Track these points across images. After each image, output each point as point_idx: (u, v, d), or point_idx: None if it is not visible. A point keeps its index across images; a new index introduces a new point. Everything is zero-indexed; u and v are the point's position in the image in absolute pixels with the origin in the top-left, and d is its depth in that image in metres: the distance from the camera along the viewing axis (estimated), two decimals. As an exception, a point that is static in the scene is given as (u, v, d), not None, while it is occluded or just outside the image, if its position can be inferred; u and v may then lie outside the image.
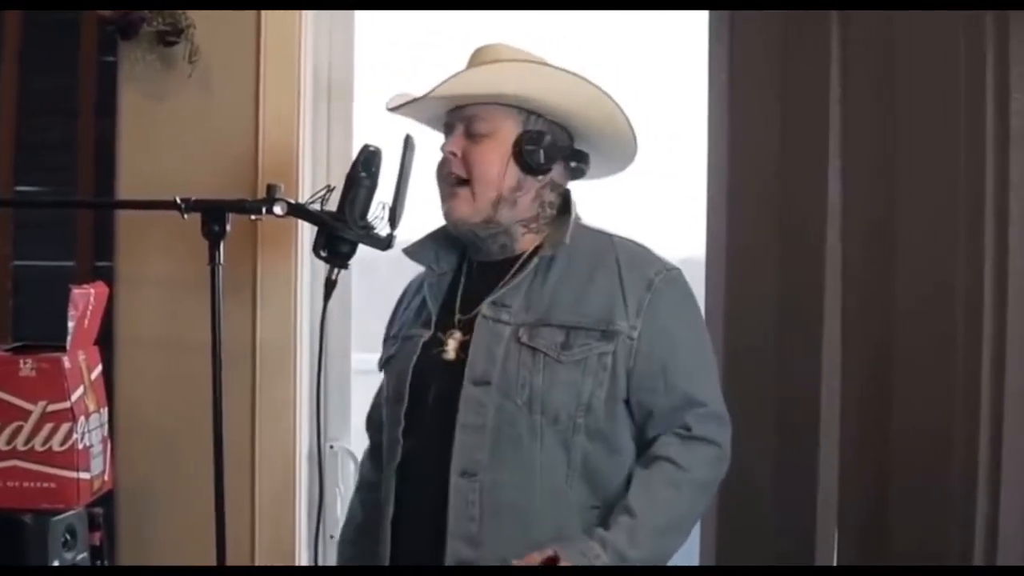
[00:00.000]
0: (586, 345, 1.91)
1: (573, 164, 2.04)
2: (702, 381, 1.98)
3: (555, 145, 2.00)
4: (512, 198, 1.99)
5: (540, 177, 2.00)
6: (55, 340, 2.16)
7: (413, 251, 2.11)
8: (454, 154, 2.00)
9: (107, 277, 2.48)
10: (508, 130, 1.99)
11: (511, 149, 1.98)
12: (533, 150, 1.98)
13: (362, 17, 2.62)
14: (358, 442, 2.60)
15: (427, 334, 2.03)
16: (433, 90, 1.98)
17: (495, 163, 1.98)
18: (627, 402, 1.94)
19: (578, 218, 2.04)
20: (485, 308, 1.98)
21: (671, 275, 1.99)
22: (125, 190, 2.52)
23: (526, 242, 2.03)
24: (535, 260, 1.98)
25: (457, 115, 2.03)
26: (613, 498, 1.91)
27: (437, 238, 2.10)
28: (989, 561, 2.24)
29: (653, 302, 1.94)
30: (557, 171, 2.03)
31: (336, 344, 2.58)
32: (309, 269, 2.54)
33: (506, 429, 1.90)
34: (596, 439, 1.92)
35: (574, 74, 1.96)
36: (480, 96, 1.99)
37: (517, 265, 2.00)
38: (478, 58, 2.04)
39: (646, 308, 1.93)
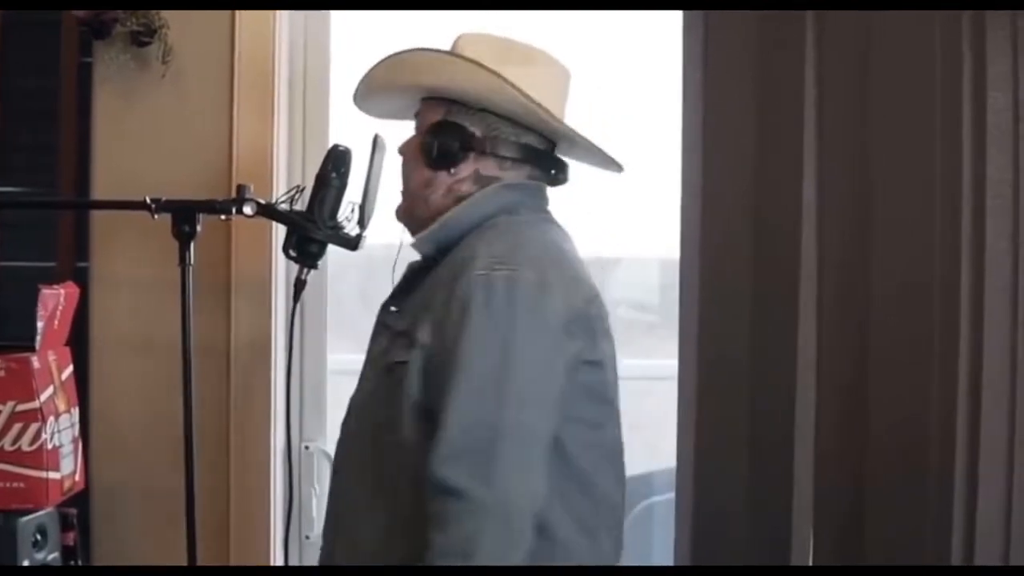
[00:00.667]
0: (392, 352, 1.77)
1: (508, 152, 1.87)
2: (469, 432, 1.64)
3: (469, 135, 1.85)
4: (422, 196, 1.88)
5: (452, 171, 1.86)
6: (31, 341, 2.17)
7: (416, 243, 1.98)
8: (401, 153, 1.96)
9: (88, 278, 2.49)
10: (428, 123, 1.89)
11: (416, 145, 1.89)
12: (428, 143, 1.85)
13: (337, 17, 2.61)
14: (334, 443, 2.59)
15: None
16: (360, 82, 1.96)
17: (408, 161, 1.91)
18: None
19: (515, 212, 1.86)
20: (381, 312, 1.92)
21: (486, 276, 1.69)
22: (100, 190, 2.52)
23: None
24: (412, 263, 1.92)
25: None
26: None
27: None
28: (966, 562, 2.22)
29: (450, 308, 1.69)
30: (484, 164, 1.87)
31: (312, 344, 2.58)
32: (284, 269, 2.53)
33: (348, 443, 1.89)
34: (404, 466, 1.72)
35: (473, 62, 1.83)
36: (378, 89, 1.94)
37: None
38: (453, 45, 1.93)
39: (442, 315, 1.70)
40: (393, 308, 1.89)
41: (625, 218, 2.58)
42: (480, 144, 1.86)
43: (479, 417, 1.64)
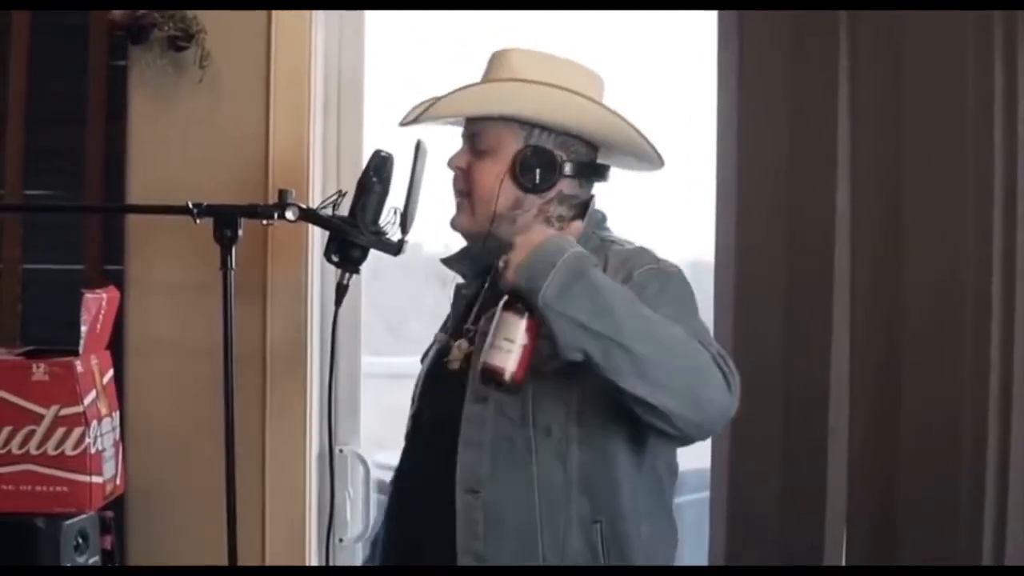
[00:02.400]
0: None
1: (590, 177, 1.99)
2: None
3: (560, 162, 1.94)
4: (510, 216, 1.94)
5: (543, 194, 1.93)
6: (64, 344, 2.17)
7: (450, 260, 2.08)
8: (460, 168, 1.98)
9: (116, 280, 2.48)
10: (509, 147, 1.94)
11: (508, 167, 1.93)
12: (529, 169, 1.92)
13: (373, 19, 2.62)
14: (367, 446, 2.61)
15: (444, 341, 2.02)
16: (426, 111, 1.96)
17: (491, 182, 1.94)
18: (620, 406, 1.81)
19: (601, 227, 1.99)
20: (483, 321, 1.92)
21: (657, 269, 1.87)
22: (135, 194, 2.52)
23: None
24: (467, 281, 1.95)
25: (467, 129, 2.01)
26: (615, 511, 1.85)
27: (472, 248, 2.05)
28: (997, 562, 2.25)
29: (633, 289, 1.79)
30: (569, 184, 1.96)
31: (345, 348, 2.57)
32: (319, 273, 2.54)
33: (503, 445, 1.86)
34: (590, 450, 1.84)
35: (567, 89, 1.91)
36: (473, 115, 1.96)
37: None
38: (493, 65, 2.00)
39: None
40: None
41: (655, 220, 2.59)
42: (565, 168, 1.95)
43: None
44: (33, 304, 2.63)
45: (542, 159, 1.93)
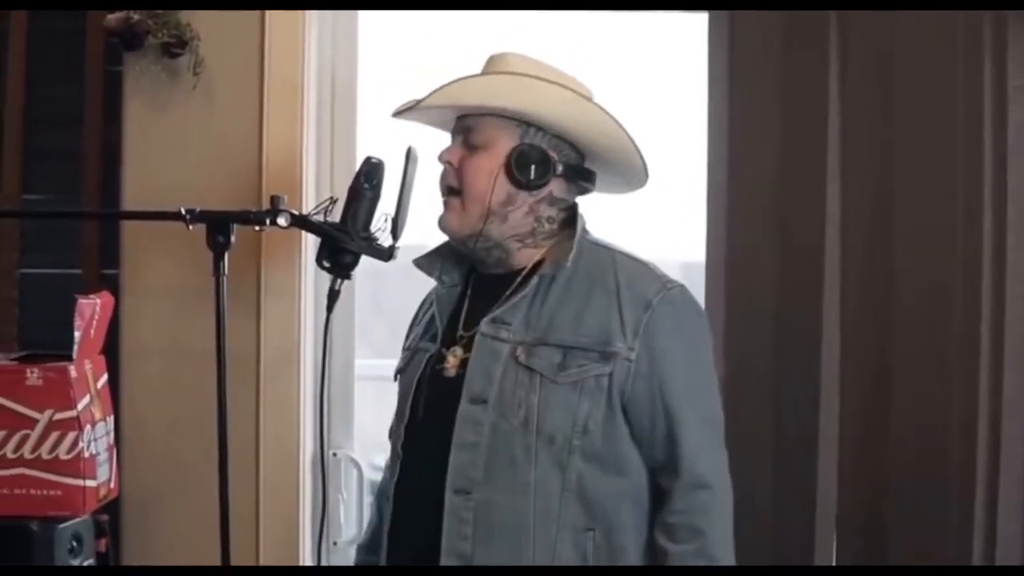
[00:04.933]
0: (583, 366, 1.87)
1: (579, 182, 2.01)
2: (693, 415, 1.91)
3: (553, 161, 1.95)
4: (502, 213, 1.95)
5: (535, 192, 1.96)
6: (60, 348, 2.19)
7: (421, 262, 2.08)
8: (450, 164, 1.99)
9: (114, 285, 2.51)
10: (503, 143, 1.95)
11: (503, 163, 1.94)
12: (524, 165, 1.94)
13: (366, 25, 2.63)
14: (361, 449, 2.62)
15: (433, 349, 2.01)
16: (424, 99, 1.96)
17: (485, 177, 1.94)
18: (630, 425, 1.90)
19: (585, 233, 2.00)
20: (484, 326, 1.94)
21: (671, 295, 1.93)
22: (130, 200, 2.53)
23: (523, 256, 1.98)
24: (535, 279, 1.94)
25: (460, 124, 2.01)
26: (609, 522, 1.88)
27: (445, 250, 2.07)
28: (988, 561, 2.26)
29: (651, 323, 1.89)
30: (558, 186, 1.98)
31: (339, 352, 2.60)
32: (312, 278, 2.56)
33: (501, 448, 1.87)
34: (592, 461, 1.87)
35: (569, 89, 1.94)
36: (469, 108, 1.97)
37: (517, 281, 1.97)
38: (491, 66, 2.01)
39: (643, 329, 1.88)
40: (505, 322, 1.93)
41: (646, 221, 2.60)
42: (564, 170, 1.98)
43: (707, 414, 1.94)
44: (30, 308, 2.64)
45: (537, 156, 1.94)
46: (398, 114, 2.06)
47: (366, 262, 2.22)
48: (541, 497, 1.86)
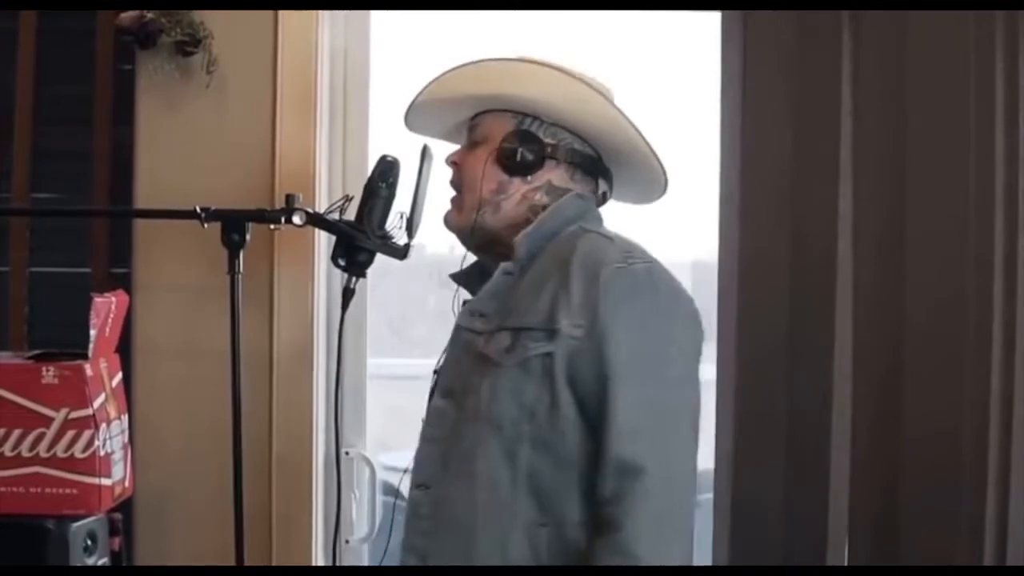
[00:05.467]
0: (527, 346, 1.78)
1: (589, 175, 1.97)
2: (629, 393, 1.75)
3: (546, 145, 1.92)
4: (494, 201, 1.93)
5: (528, 178, 1.93)
6: (70, 346, 2.19)
7: (457, 276, 2.05)
8: (455, 163, 1.99)
9: (123, 283, 2.50)
10: (499, 133, 1.94)
11: (493, 150, 1.93)
12: (511, 148, 1.91)
13: (379, 24, 2.63)
14: (374, 448, 2.62)
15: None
16: (416, 97, 1.99)
17: (479, 167, 1.93)
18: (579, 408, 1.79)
19: (583, 218, 1.93)
20: (460, 317, 1.93)
21: (630, 269, 1.80)
22: (143, 198, 2.53)
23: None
24: (501, 266, 1.91)
25: (468, 127, 2.02)
26: (562, 516, 1.78)
27: (476, 265, 2.05)
28: (999, 562, 2.26)
29: (598, 296, 1.77)
30: (558, 175, 1.94)
31: (351, 351, 2.59)
32: (325, 277, 2.56)
33: (456, 440, 1.83)
34: (540, 450, 1.78)
35: (560, 69, 1.91)
36: (455, 98, 1.97)
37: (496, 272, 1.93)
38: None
39: (590, 303, 1.76)
40: (482, 313, 1.89)
41: (657, 220, 2.61)
42: (557, 154, 1.94)
43: (648, 394, 1.76)
44: (40, 307, 2.64)
45: (525, 140, 1.92)
46: (408, 124, 2.09)
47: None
48: (489, 490, 1.79)
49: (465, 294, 2.02)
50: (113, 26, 2.50)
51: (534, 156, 1.92)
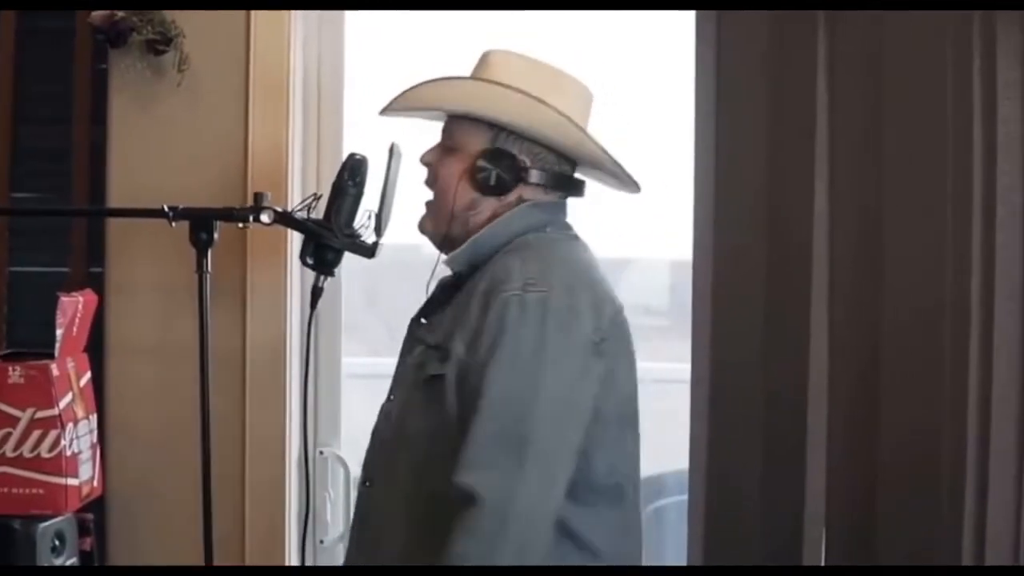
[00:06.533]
0: (428, 365, 1.81)
1: (549, 182, 1.93)
2: (487, 426, 1.71)
3: (523, 167, 1.90)
4: (463, 216, 1.91)
5: (501, 197, 1.91)
6: (49, 347, 2.19)
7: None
8: (429, 164, 1.97)
9: (102, 283, 2.51)
10: (473, 146, 1.91)
11: (466, 167, 1.90)
12: (485, 171, 1.88)
13: (352, 24, 2.62)
14: (348, 448, 2.61)
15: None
16: (390, 103, 1.97)
17: (451, 180, 1.91)
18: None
19: (543, 230, 1.92)
20: (411, 323, 1.96)
21: (524, 297, 1.75)
22: (115, 197, 2.53)
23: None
24: (443, 278, 1.95)
25: (445, 124, 2.00)
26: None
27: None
28: (978, 562, 2.24)
29: (485, 321, 1.75)
30: (528, 190, 1.92)
31: (326, 350, 2.59)
32: (299, 276, 2.54)
33: (387, 444, 1.89)
34: (445, 466, 1.72)
35: (537, 99, 1.87)
36: (427, 109, 1.96)
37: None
38: (479, 65, 1.98)
39: (478, 327, 1.76)
40: (424, 321, 1.94)
41: (635, 220, 2.59)
42: (529, 175, 1.91)
43: (507, 429, 1.71)
44: (19, 307, 2.64)
45: (501, 162, 1.89)
46: (384, 112, 2.04)
47: (362, 259, 2.22)
48: (398, 496, 1.83)
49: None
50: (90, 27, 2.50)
51: (508, 178, 1.89)
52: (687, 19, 2.46)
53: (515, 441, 1.70)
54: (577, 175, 2.00)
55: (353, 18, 2.62)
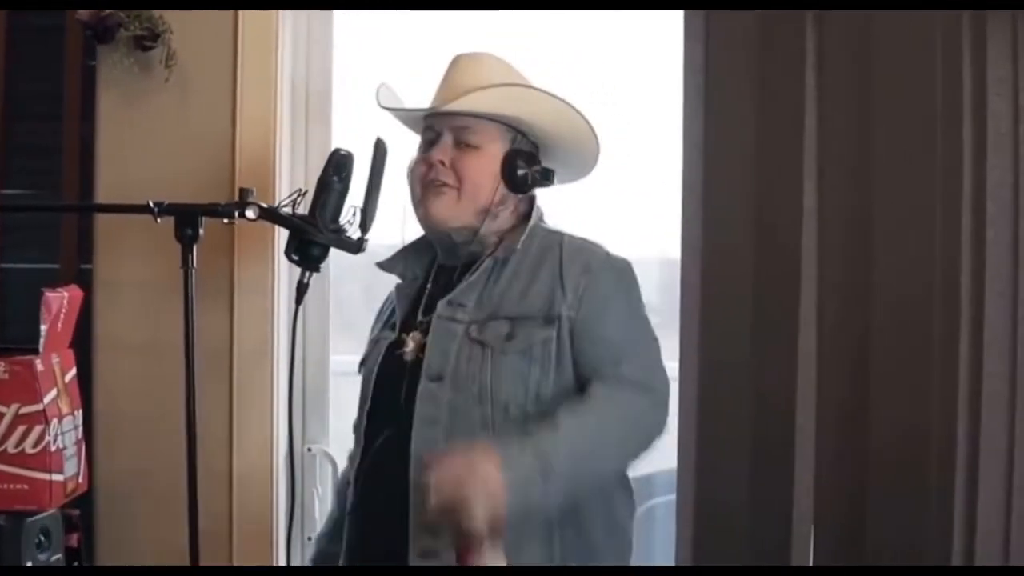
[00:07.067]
0: (529, 333, 1.94)
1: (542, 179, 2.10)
2: (635, 348, 1.98)
3: (541, 168, 2.07)
4: (496, 212, 2.05)
5: (519, 194, 2.07)
6: (37, 343, 2.18)
7: (385, 265, 2.16)
8: (442, 163, 2.04)
9: (92, 279, 2.50)
10: (498, 146, 2.05)
11: (501, 166, 2.04)
12: (523, 171, 2.05)
13: (340, 20, 2.62)
14: (337, 444, 2.61)
15: (392, 336, 2.08)
16: (440, 106, 2.04)
17: (487, 177, 2.04)
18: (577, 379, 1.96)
19: (541, 220, 2.10)
20: (441, 308, 2.02)
21: (612, 262, 2.03)
22: (104, 193, 2.53)
23: (492, 247, 2.07)
24: (488, 261, 2.03)
25: (445, 123, 2.05)
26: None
27: (408, 250, 2.16)
28: (967, 561, 2.23)
29: (591, 284, 1.97)
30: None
31: (314, 347, 2.59)
32: (286, 272, 2.54)
33: (459, 423, 1.92)
34: None
35: (562, 100, 2.04)
36: (484, 115, 2.04)
37: (475, 266, 2.04)
38: (458, 67, 2.09)
39: (584, 290, 1.96)
40: (461, 304, 2.01)
41: (624, 217, 2.59)
42: (547, 175, 2.09)
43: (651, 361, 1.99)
44: (10, 303, 2.64)
45: (530, 162, 2.06)
46: (388, 108, 2.12)
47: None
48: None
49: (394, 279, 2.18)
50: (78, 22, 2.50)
51: (540, 179, 2.07)
52: (675, 18, 2.46)
53: (654, 359, 2.00)
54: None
55: (342, 17, 2.62)
